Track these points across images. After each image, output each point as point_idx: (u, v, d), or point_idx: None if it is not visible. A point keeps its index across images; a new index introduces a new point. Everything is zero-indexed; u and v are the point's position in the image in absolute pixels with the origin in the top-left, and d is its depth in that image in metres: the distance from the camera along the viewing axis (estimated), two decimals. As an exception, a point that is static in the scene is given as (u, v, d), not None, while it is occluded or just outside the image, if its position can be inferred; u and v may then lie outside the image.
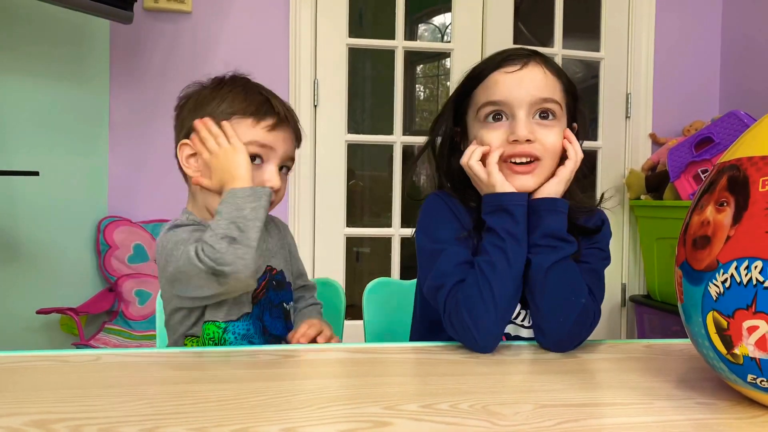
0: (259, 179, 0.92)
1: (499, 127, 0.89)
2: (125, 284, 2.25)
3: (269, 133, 0.93)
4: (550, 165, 0.89)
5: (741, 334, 0.56)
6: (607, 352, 0.84)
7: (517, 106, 0.87)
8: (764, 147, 0.57)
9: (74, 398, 0.61)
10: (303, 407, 0.60)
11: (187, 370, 0.74)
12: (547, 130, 0.88)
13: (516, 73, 0.88)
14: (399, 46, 2.47)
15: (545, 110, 0.88)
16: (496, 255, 0.83)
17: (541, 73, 0.89)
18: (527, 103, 0.87)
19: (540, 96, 0.87)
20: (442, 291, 0.86)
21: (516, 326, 0.94)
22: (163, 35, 2.36)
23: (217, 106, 0.94)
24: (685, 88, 2.70)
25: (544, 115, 0.88)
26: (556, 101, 0.89)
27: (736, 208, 0.57)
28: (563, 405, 0.62)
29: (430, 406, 0.60)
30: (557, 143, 0.89)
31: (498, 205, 0.86)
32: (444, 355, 0.83)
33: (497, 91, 0.88)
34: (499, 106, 0.88)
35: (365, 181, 3.64)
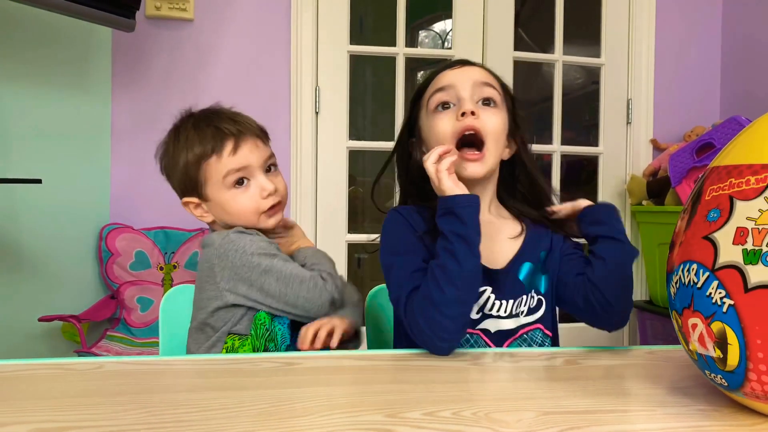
0: (255, 195, 0.99)
1: (448, 113, 0.95)
2: (127, 291, 2.25)
3: (236, 156, 0.98)
4: (495, 151, 0.95)
5: (689, 332, 0.61)
6: (610, 359, 0.84)
7: (462, 87, 0.95)
8: (721, 158, 0.62)
9: (77, 407, 0.62)
10: (305, 415, 0.60)
11: (190, 378, 0.74)
12: (490, 112, 0.95)
13: (460, 68, 0.99)
14: (400, 52, 2.48)
15: (487, 97, 0.96)
16: (445, 257, 0.85)
17: (479, 69, 0.99)
18: (470, 84, 0.95)
19: (481, 80, 0.96)
20: (401, 301, 0.89)
21: (495, 320, 0.94)
22: (165, 43, 2.36)
23: (185, 159, 1.00)
24: (685, 93, 2.71)
25: (487, 102, 0.96)
26: (495, 88, 0.97)
27: (690, 215, 0.62)
28: (566, 412, 0.62)
29: (433, 414, 0.60)
30: (499, 126, 0.95)
31: (447, 208, 0.88)
32: (446, 362, 0.83)
33: (443, 80, 0.97)
34: (446, 91, 0.96)
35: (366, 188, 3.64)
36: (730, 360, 0.56)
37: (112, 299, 2.28)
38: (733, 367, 0.56)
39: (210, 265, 0.96)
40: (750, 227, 0.55)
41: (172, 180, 1.05)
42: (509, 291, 0.95)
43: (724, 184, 0.59)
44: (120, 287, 2.25)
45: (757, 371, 0.55)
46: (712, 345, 0.58)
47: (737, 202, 0.57)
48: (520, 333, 0.95)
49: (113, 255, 2.26)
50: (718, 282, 0.56)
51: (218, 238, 0.97)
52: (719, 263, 0.56)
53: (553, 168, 2.62)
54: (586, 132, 2.97)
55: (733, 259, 0.55)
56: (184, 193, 1.04)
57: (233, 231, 0.97)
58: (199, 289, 1.00)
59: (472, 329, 0.94)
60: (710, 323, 0.57)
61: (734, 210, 0.57)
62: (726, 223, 0.57)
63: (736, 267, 0.55)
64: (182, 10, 2.33)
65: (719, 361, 0.58)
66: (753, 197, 0.55)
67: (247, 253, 0.94)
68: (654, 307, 2.47)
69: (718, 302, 0.56)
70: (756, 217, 0.55)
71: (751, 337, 0.54)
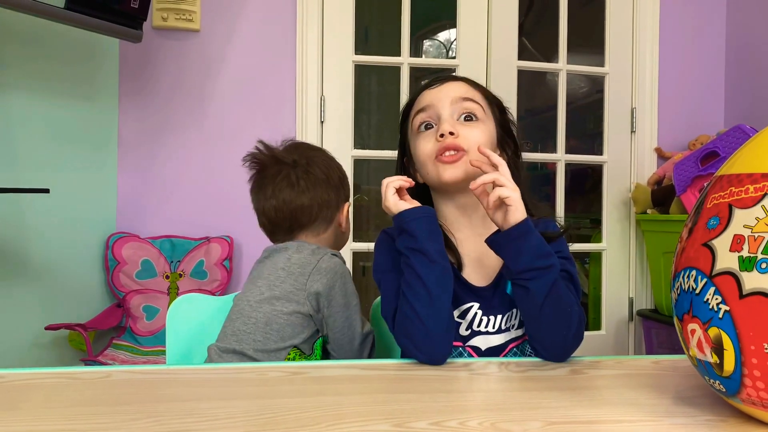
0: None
1: (429, 133, 0.97)
2: (133, 300, 2.26)
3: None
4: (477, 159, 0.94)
5: (689, 337, 0.62)
6: (615, 369, 0.84)
7: (441, 106, 0.96)
8: (726, 167, 0.63)
9: (84, 416, 0.62)
10: (313, 425, 0.60)
11: (197, 387, 0.74)
12: (470, 128, 0.95)
13: (439, 87, 1.00)
14: (404, 62, 2.49)
15: (467, 112, 0.96)
16: (408, 273, 0.87)
17: (458, 84, 0.99)
18: (449, 102, 0.96)
19: (459, 96, 0.97)
20: (388, 318, 0.92)
21: (484, 336, 0.94)
22: (171, 53, 2.38)
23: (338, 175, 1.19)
24: (689, 102, 2.71)
25: (468, 118, 0.96)
26: (476, 101, 0.97)
27: (693, 222, 0.64)
28: (572, 422, 0.62)
29: (439, 424, 0.60)
30: (481, 138, 0.95)
31: (398, 227, 0.90)
32: (452, 372, 0.83)
33: (423, 100, 0.99)
34: (427, 112, 0.98)
35: (371, 195, 3.65)
36: (726, 366, 0.57)
37: (118, 308, 2.28)
38: (729, 372, 0.57)
39: (303, 270, 1.04)
40: (746, 234, 0.56)
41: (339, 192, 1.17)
42: (497, 306, 0.95)
43: (725, 193, 0.60)
44: (126, 296, 2.26)
45: (752, 377, 0.55)
46: (709, 350, 0.58)
47: (736, 210, 0.58)
48: (510, 347, 0.95)
49: (119, 264, 2.27)
50: (714, 288, 0.57)
51: (321, 253, 1.07)
52: (716, 270, 0.57)
53: (558, 177, 2.63)
54: (591, 141, 2.97)
55: (730, 266, 0.56)
56: (346, 198, 1.19)
57: (330, 252, 1.08)
58: (277, 278, 1.05)
59: (461, 343, 0.94)
60: (707, 329, 0.58)
61: (732, 218, 0.58)
62: (724, 231, 0.58)
63: (732, 273, 0.56)
64: (189, 21, 2.35)
65: (717, 367, 0.58)
66: (751, 205, 0.57)
67: (343, 280, 1.04)
68: (659, 315, 2.46)
69: (714, 308, 0.57)
70: (753, 224, 0.56)
71: (745, 342, 0.55)
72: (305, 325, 1.01)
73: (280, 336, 1.00)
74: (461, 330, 0.94)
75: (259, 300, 1.03)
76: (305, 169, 1.11)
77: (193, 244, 2.34)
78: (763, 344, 0.54)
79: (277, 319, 1.00)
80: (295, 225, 1.11)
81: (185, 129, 2.38)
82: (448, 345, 0.86)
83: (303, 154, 1.14)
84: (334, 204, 1.14)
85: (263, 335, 1.00)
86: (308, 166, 1.12)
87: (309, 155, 1.15)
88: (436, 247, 0.87)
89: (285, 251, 1.08)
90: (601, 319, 2.66)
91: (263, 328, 1.00)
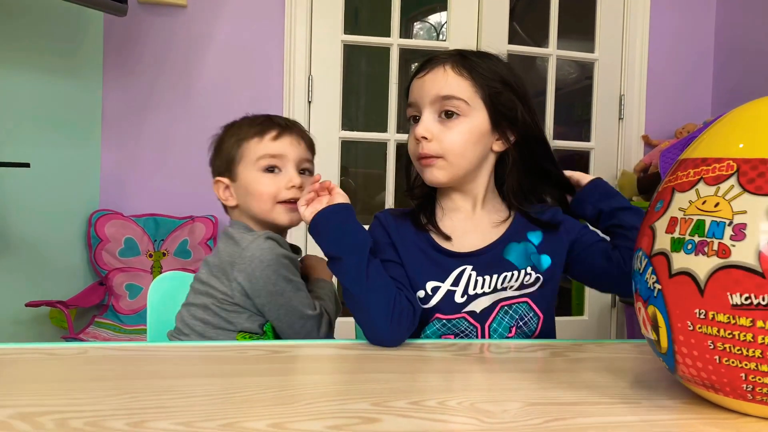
0: (279, 183, 1.01)
1: (413, 130, 0.95)
2: (116, 278, 2.24)
3: (275, 142, 1.02)
4: (456, 161, 0.93)
5: (639, 316, 0.65)
6: (596, 352, 0.84)
7: (422, 105, 0.94)
8: (684, 154, 0.65)
9: (60, 391, 0.61)
10: (291, 403, 0.60)
11: (175, 365, 0.73)
12: (448, 129, 0.92)
13: (422, 77, 0.95)
14: (394, 43, 2.47)
15: (448, 110, 0.93)
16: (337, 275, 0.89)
17: (441, 74, 0.93)
18: (428, 101, 0.93)
19: (439, 94, 0.92)
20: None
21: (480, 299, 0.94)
22: (157, 29, 2.34)
23: (228, 141, 1.04)
24: (678, 90, 2.72)
25: (449, 114, 0.93)
26: (458, 98, 0.92)
27: (650, 206, 0.66)
28: (551, 403, 0.62)
29: (419, 403, 0.60)
30: (457, 141, 0.92)
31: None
32: (433, 352, 0.83)
33: (411, 93, 0.97)
34: (413, 107, 0.96)
35: (358, 178, 3.63)
36: (662, 342, 0.60)
37: (100, 286, 2.26)
38: (665, 349, 0.60)
39: (231, 260, 0.97)
40: (680, 217, 0.58)
41: (214, 164, 1.08)
42: (491, 267, 0.94)
43: (672, 177, 0.63)
44: (109, 274, 2.24)
45: (681, 354, 0.58)
46: (650, 327, 0.61)
47: (676, 194, 0.60)
48: (501, 305, 0.94)
49: (102, 241, 2.25)
50: (652, 268, 0.60)
51: (250, 239, 0.97)
52: (654, 250, 0.60)
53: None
54: (579, 127, 2.98)
55: (664, 247, 0.59)
56: (218, 173, 1.06)
57: (264, 235, 0.98)
58: (209, 274, 1.00)
59: (458, 314, 0.93)
60: (647, 307, 0.61)
61: (673, 201, 0.60)
62: (664, 214, 0.60)
63: (664, 254, 0.59)
64: (175, -5, 2.31)
65: (656, 344, 0.61)
66: (687, 189, 0.59)
67: (270, 269, 0.95)
68: (642, 302, 2.48)
69: (651, 287, 0.60)
70: (686, 207, 0.58)
71: (673, 320, 0.58)
72: (241, 312, 0.98)
73: (220, 323, 0.99)
74: (456, 298, 0.93)
75: (194, 290, 1.02)
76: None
77: (177, 222, 2.32)
78: (687, 322, 0.56)
79: (213, 308, 0.98)
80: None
81: (170, 106, 2.34)
82: (393, 330, 0.85)
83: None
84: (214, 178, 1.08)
85: (202, 326, 0.99)
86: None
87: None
88: (333, 247, 0.89)
89: (220, 239, 1.04)
90: (584, 304, 2.68)
91: (202, 316, 0.99)
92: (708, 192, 0.57)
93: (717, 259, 0.54)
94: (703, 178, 0.58)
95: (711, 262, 0.54)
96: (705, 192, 0.57)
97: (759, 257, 0.52)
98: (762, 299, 0.52)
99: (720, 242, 0.54)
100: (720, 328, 0.54)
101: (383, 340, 0.85)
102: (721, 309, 0.54)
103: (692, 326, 0.56)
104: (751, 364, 0.54)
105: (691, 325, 0.56)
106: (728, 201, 0.55)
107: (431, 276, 0.94)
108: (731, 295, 0.53)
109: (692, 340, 0.56)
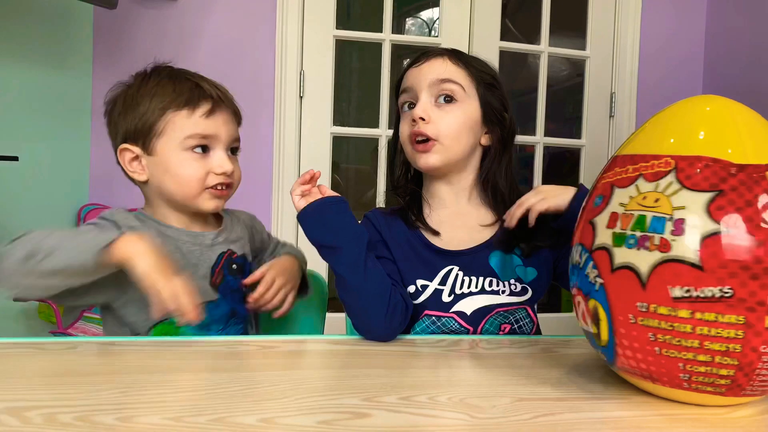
0: (208, 167, 0.91)
1: (409, 114, 0.97)
2: (105, 273, 2.23)
3: (208, 120, 0.91)
4: (451, 145, 0.95)
5: (576, 309, 0.66)
6: (585, 348, 0.85)
7: (419, 88, 0.96)
8: (619, 150, 0.66)
9: (49, 386, 0.61)
10: (281, 398, 0.60)
11: (165, 360, 0.73)
12: (445, 112, 0.95)
13: (420, 66, 0.98)
14: (386, 39, 2.46)
15: (446, 93, 0.95)
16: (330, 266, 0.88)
17: (440, 62, 0.97)
18: (427, 85, 0.95)
19: (438, 78, 0.95)
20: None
21: (469, 298, 0.94)
22: (147, 22, 2.32)
23: (148, 104, 0.91)
24: (668, 88, 2.72)
25: (448, 99, 0.95)
26: (455, 82, 0.95)
27: (586, 201, 0.67)
28: (540, 399, 0.62)
29: (409, 399, 0.60)
30: (453, 125, 0.95)
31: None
32: (424, 348, 0.83)
33: (407, 80, 0.99)
34: (408, 93, 0.98)
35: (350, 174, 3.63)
36: (602, 335, 0.61)
37: (89, 280, 2.24)
38: (605, 342, 0.61)
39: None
40: (620, 212, 0.59)
41: (119, 122, 0.93)
42: (477, 269, 0.95)
43: (610, 173, 0.64)
44: (98, 269, 2.23)
45: (622, 346, 0.60)
46: (590, 321, 0.62)
47: (615, 189, 0.61)
48: (499, 310, 0.95)
49: (91, 236, 2.23)
50: (593, 262, 0.61)
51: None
52: (595, 245, 0.61)
53: (536, 160, 2.63)
54: (569, 124, 2.98)
55: (605, 242, 0.60)
56: (126, 139, 0.92)
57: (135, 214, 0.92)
58: None
59: (446, 312, 0.94)
60: (587, 300, 0.62)
61: (613, 197, 0.61)
62: (605, 209, 0.61)
63: (606, 248, 0.60)
64: (166, -12, 2.29)
65: (596, 337, 0.63)
66: (627, 185, 0.60)
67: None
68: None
69: (593, 281, 0.61)
70: (626, 202, 0.59)
71: (615, 313, 0.59)
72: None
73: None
74: (444, 297, 0.94)
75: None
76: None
77: (168, 217, 2.31)
78: (628, 315, 0.57)
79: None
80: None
81: (161, 100, 2.32)
82: (387, 324, 0.86)
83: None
84: (112, 142, 0.97)
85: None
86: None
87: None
88: (329, 237, 0.87)
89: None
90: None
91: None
92: (648, 188, 0.58)
93: (658, 253, 0.55)
94: (642, 174, 0.59)
95: (653, 257, 0.56)
96: (645, 188, 0.58)
97: (698, 251, 0.54)
98: (701, 292, 0.54)
99: (661, 237, 0.56)
100: (660, 320, 0.56)
101: (377, 333, 0.86)
102: (662, 302, 0.55)
103: (634, 319, 0.57)
104: (689, 354, 0.55)
105: (633, 318, 0.57)
106: (668, 197, 0.56)
107: (420, 274, 0.95)
108: (672, 288, 0.55)
109: (633, 332, 0.58)
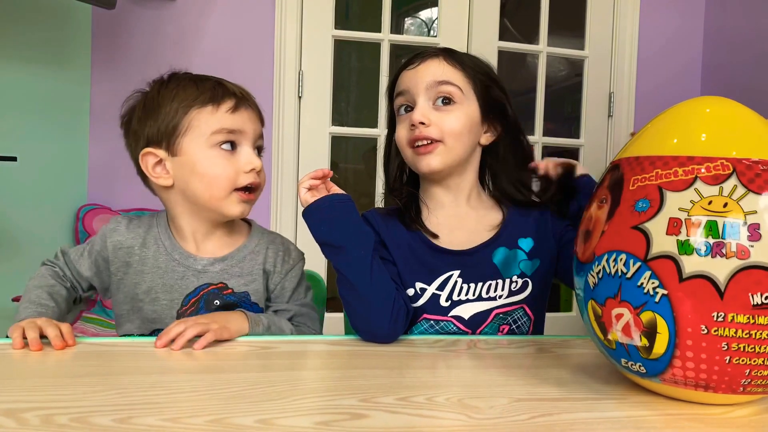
0: (237, 165, 0.90)
1: (406, 118, 0.95)
2: (103, 273, 2.22)
3: (233, 116, 0.90)
4: (455, 146, 0.93)
5: (611, 321, 0.61)
6: (583, 348, 0.85)
7: (416, 92, 0.94)
8: (639, 148, 0.63)
9: (46, 387, 0.61)
10: (279, 398, 0.59)
11: (162, 361, 0.73)
12: (445, 114, 0.93)
13: (415, 68, 0.96)
14: (385, 39, 2.46)
15: (444, 96, 0.94)
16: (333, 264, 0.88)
17: (436, 64, 0.95)
18: (424, 88, 0.94)
19: (435, 80, 0.94)
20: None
21: (465, 305, 0.94)
22: (146, 22, 2.32)
23: (170, 105, 0.89)
24: (667, 88, 2.73)
25: (446, 101, 0.94)
26: (453, 84, 0.94)
27: (611, 205, 0.62)
28: (538, 399, 0.62)
29: (407, 399, 0.60)
30: (456, 125, 0.93)
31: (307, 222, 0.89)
32: (422, 348, 0.83)
33: (402, 83, 0.97)
34: (405, 96, 0.96)
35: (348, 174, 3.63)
36: (656, 348, 0.58)
37: (88, 281, 2.24)
38: (658, 355, 0.58)
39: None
40: (683, 218, 0.56)
41: (139, 129, 0.92)
42: (478, 273, 0.95)
43: (650, 175, 0.59)
44: (96, 269, 2.22)
45: (683, 358, 0.57)
46: (638, 334, 0.59)
47: (667, 193, 0.58)
48: (497, 312, 0.95)
49: (90, 236, 2.22)
50: (651, 272, 0.57)
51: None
52: (653, 253, 0.57)
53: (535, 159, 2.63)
54: (568, 124, 2.98)
55: (668, 250, 0.56)
56: (148, 143, 0.90)
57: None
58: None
59: (444, 316, 0.94)
60: (639, 313, 0.58)
61: (665, 201, 0.58)
62: (657, 214, 0.58)
63: (670, 257, 0.56)
64: (164, -12, 2.29)
65: (643, 350, 0.59)
66: (683, 189, 0.57)
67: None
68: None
69: (650, 292, 0.57)
70: (688, 208, 0.56)
71: (682, 325, 0.56)
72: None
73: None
74: (441, 301, 0.94)
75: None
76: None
77: (166, 217, 2.31)
78: (700, 326, 0.55)
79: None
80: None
81: (159, 100, 2.32)
82: (387, 323, 0.85)
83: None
84: (132, 151, 0.97)
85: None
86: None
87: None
88: (336, 235, 0.86)
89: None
90: (572, 300, 2.69)
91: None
92: (711, 192, 0.55)
93: (736, 260, 0.54)
94: (698, 177, 0.56)
95: (730, 264, 0.54)
96: (707, 192, 0.56)
97: None
98: None
99: (738, 243, 0.54)
100: (738, 329, 0.54)
101: (380, 335, 0.85)
102: (742, 310, 0.53)
103: (706, 329, 0.55)
104: (759, 359, 0.54)
105: (706, 329, 0.55)
106: (736, 201, 0.54)
107: (419, 277, 0.95)
108: (752, 295, 0.53)
109: (703, 343, 0.55)
